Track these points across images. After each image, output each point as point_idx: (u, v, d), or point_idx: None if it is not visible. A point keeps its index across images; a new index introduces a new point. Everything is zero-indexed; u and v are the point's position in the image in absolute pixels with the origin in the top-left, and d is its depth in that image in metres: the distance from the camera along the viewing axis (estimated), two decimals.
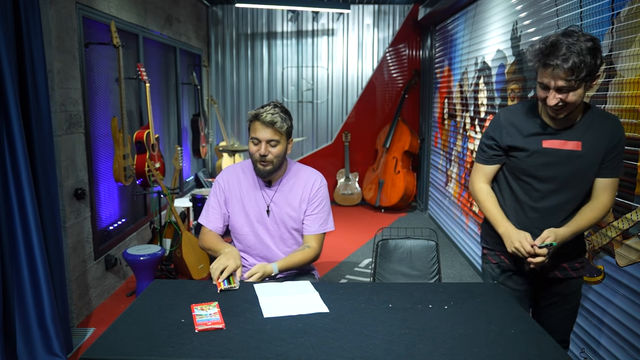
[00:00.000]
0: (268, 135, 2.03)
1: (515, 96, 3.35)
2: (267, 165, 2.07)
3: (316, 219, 2.17)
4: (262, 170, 2.09)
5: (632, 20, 2.10)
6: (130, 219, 4.07)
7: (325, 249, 3.86)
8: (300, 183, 2.18)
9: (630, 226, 2.06)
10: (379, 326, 1.57)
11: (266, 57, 6.51)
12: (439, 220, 5.48)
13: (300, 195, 2.16)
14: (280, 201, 2.16)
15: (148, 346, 1.43)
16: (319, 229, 2.18)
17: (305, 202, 2.17)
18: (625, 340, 2.08)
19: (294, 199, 2.16)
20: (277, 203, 2.16)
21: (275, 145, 2.05)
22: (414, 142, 6.11)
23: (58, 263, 2.64)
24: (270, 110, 2.03)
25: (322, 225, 2.19)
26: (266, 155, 2.04)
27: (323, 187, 2.21)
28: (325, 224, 2.21)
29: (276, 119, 2.02)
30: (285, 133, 2.07)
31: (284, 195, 2.17)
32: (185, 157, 5.65)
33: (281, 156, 2.08)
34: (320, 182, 2.20)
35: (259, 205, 2.17)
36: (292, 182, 2.18)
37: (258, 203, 2.17)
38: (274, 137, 2.03)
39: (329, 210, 2.24)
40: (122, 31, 3.74)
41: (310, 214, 2.18)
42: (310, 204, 2.17)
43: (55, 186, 2.64)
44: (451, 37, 5.06)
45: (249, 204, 2.17)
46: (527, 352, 1.42)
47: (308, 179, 2.19)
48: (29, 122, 2.43)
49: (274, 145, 2.05)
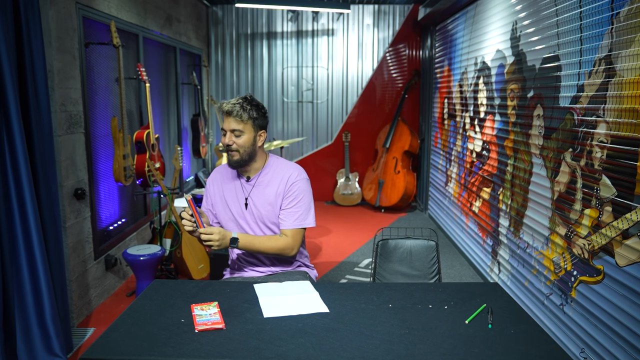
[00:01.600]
0: (230, 125, 2.10)
1: (514, 96, 3.35)
2: (234, 155, 2.13)
3: (291, 214, 2.17)
4: (231, 160, 2.15)
5: (631, 20, 2.10)
6: (130, 219, 4.07)
7: (325, 248, 3.84)
8: (277, 177, 2.20)
9: (630, 226, 2.06)
10: (379, 326, 1.57)
11: (266, 57, 6.51)
12: (439, 220, 5.48)
13: (276, 190, 2.18)
14: (257, 195, 2.19)
15: (148, 346, 1.43)
16: (294, 223, 2.16)
17: (280, 197, 2.18)
18: (625, 340, 2.08)
19: (270, 193, 2.18)
20: (254, 197, 2.19)
21: (240, 135, 2.10)
22: (414, 142, 6.11)
23: (58, 263, 2.64)
24: (232, 101, 2.11)
25: (297, 220, 2.17)
26: (231, 145, 2.11)
27: (300, 181, 2.19)
28: (303, 219, 2.18)
29: (234, 108, 2.08)
30: (250, 124, 2.11)
31: (260, 190, 2.20)
32: (185, 157, 5.65)
33: (247, 146, 2.12)
34: (296, 176, 2.19)
35: (239, 200, 2.21)
36: (270, 176, 2.21)
37: (238, 197, 2.22)
38: (237, 127, 2.09)
39: (308, 206, 2.20)
40: (122, 31, 3.74)
41: (285, 208, 2.18)
42: (285, 198, 2.17)
43: (55, 186, 2.64)
44: (451, 37, 5.06)
45: (231, 199, 2.23)
46: (527, 352, 1.42)
47: (285, 173, 2.20)
48: (29, 122, 2.43)
49: (238, 135, 2.10)
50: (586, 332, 2.38)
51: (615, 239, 2.16)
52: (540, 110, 2.95)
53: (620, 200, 2.14)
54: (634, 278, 2.03)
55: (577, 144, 2.51)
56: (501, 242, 3.55)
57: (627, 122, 2.11)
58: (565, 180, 2.62)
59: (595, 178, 2.34)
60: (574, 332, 2.49)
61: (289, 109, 6.61)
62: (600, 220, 2.29)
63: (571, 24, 2.60)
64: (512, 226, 3.36)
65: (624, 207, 2.11)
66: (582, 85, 2.48)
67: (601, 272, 2.27)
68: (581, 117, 2.48)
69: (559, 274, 2.66)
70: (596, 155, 2.33)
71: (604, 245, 2.25)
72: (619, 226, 2.14)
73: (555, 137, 2.75)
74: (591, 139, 2.38)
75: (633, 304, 2.03)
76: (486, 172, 3.94)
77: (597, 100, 2.34)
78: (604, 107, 2.28)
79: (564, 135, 2.64)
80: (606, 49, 2.28)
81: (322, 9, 5.87)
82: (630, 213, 2.07)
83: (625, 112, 2.13)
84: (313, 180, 2.44)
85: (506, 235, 3.45)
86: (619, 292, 2.12)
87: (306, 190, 2.21)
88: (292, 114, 6.62)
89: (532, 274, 2.99)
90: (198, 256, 3.67)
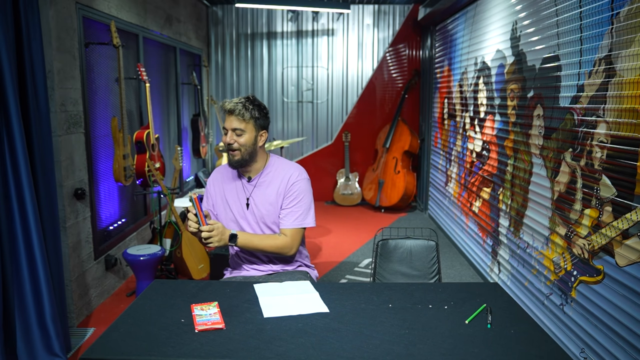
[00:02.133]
0: (232, 124, 2.10)
1: (514, 96, 3.35)
2: (235, 155, 2.12)
3: (291, 213, 2.17)
4: (231, 159, 2.14)
5: (631, 20, 2.10)
6: (130, 219, 4.07)
7: (325, 248, 3.84)
8: (278, 177, 2.20)
9: (630, 226, 2.06)
10: (379, 326, 1.57)
11: (266, 57, 6.51)
12: (439, 220, 5.48)
13: (277, 190, 2.18)
14: (259, 196, 2.19)
15: (148, 346, 1.43)
16: (294, 223, 2.17)
17: (281, 197, 2.18)
18: (625, 340, 2.08)
19: (271, 193, 2.18)
20: (256, 197, 2.20)
21: (241, 134, 2.10)
22: (414, 142, 6.11)
23: (57, 263, 2.64)
24: (234, 100, 2.12)
25: (297, 219, 2.17)
26: (232, 144, 2.10)
27: (301, 181, 2.19)
28: (302, 219, 2.18)
29: (236, 106, 2.08)
30: (251, 123, 2.11)
31: (262, 190, 2.20)
32: (185, 157, 5.65)
33: (248, 146, 2.12)
34: (297, 176, 2.19)
35: (240, 200, 2.21)
36: (271, 176, 2.21)
37: (239, 198, 2.22)
38: (238, 126, 2.09)
39: (309, 206, 2.21)
40: (122, 31, 3.74)
41: (285, 207, 2.18)
42: (285, 197, 2.18)
43: (55, 186, 2.64)
44: (451, 37, 5.06)
45: (232, 199, 2.22)
46: (527, 352, 1.42)
47: (285, 173, 2.20)
48: (29, 122, 2.43)
49: (239, 134, 2.10)
50: (586, 332, 2.38)
51: (615, 239, 2.16)
52: (540, 110, 2.95)
53: (620, 200, 2.14)
54: (634, 278, 2.03)
55: (577, 144, 2.51)
56: (501, 242, 3.55)
57: (627, 122, 2.11)
58: (565, 180, 2.62)
59: (595, 178, 2.34)
60: (574, 332, 2.49)
61: (289, 109, 6.61)
62: (600, 220, 2.29)
63: (571, 24, 2.60)
64: (512, 226, 3.36)
65: (624, 207, 2.11)
66: (582, 85, 2.48)
67: (601, 272, 2.27)
68: (581, 117, 2.48)
69: (559, 274, 2.66)
70: (596, 155, 2.33)
71: (604, 245, 2.25)
72: (619, 226, 2.14)
73: (555, 137, 2.75)
74: (591, 139, 2.38)
75: (633, 304, 2.03)
76: (486, 172, 3.94)
77: (597, 100, 2.34)
78: (604, 107, 2.28)
79: (564, 135, 2.64)
80: (606, 49, 2.28)
81: (322, 9, 5.87)
82: (630, 213, 2.07)
83: (625, 112, 2.13)
84: (313, 180, 2.44)
85: (506, 235, 3.45)
86: (619, 292, 2.12)
87: (307, 190, 2.21)
88: (292, 114, 6.62)
89: (532, 274, 2.99)
90: (198, 256, 3.67)
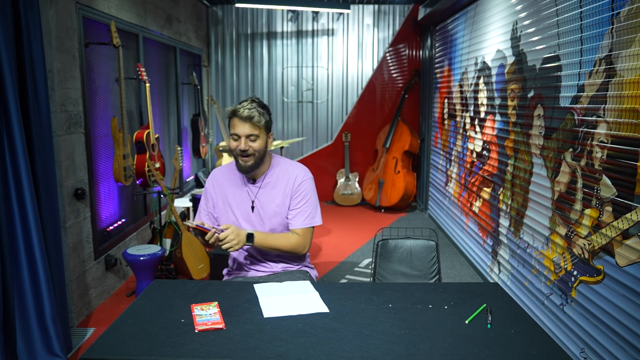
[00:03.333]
0: (247, 131, 2.06)
1: (515, 96, 3.35)
2: (248, 161, 2.09)
3: (300, 213, 2.17)
4: (244, 165, 2.11)
5: (632, 20, 2.10)
6: (130, 219, 4.07)
7: (325, 248, 3.84)
8: (283, 178, 2.19)
9: (630, 226, 2.06)
10: (379, 326, 1.57)
11: (266, 57, 6.51)
12: (439, 220, 5.48)
13: (283, 191, 2.17)
14: (264, 197, 2.18)
15: (148, 346, 1.43)
16: (304, 222, 2.17)
17: (288, 197, 2.17)
18: (625, 340, 2.08)
19: (277, 194, 2.17)
20: (261, 199, 2.18)
21: (255, 140, 2.08)
22: (414, 142, 6.11)
23: (57, 263, 2.64)
24: (247, 106, 2.06)
25: (307, 219, 2.18)
26: (246, 150, 2.07)
27: (306, 180, 2.20)
28: (312, 217, 2.19)
29: (253, 113, 2.04)
30: (264, 127, 2.09)
31: (267, 191, 2.18)
32: (185, 157, 5.65)
33: (262, 150, 2.10)
34: (303, 176, 2.20)
35: (245, 203, 2.19)
36: (276, 177, 2.20)
37: (243, 200, 2.19)
38: (253, 132, 2.06)
39: (316, 205, 2.22)
40: (122, 31, 3.74)
41: (293, 208, 2.18)
42: (293, 198, 2.18)
43: (55, 186, 2.64)
44: (451, 37, 5.06)
45: (235, 202, 2.20)
46: (527, 352, 1.42)
47: (291, 173, 2.20)
48: (29, 122, 2.43)
49: (254, 140, 2.07)
50: (586, 332, 2.38)
51: (616, 239, 2.16)
52: (541, 110, 2.94)
53: (621, 200, 2.14)
54: (634, 278, 2.03)
55: (578, 144, 2.51)
56: (501, 242, 3.54)
57: (628, 122, 2.11)
58: (566, 180, 2.62)
59: (596, 178, 2.34)
60: (574, 332, 2.49)
61: (289, 109, 6.61)
62: (600, 220, 2.29)
63: (571, 24, 2.60)
64: (512, 226, 3.36)
65: (624, 207, 2.11)
66: (582, 85, 2.48)
67: (601, 272, 2.27)
68: (581, 117, 2.48)
69: (559, 274, 2.66)
70: (596, 155, 2.33)
71: (604, 245, 2.25)
72: (619, 226, 2.14)
73: (556, 137, 2.75)
74: (591, 139, 2.38)
75: (633, 304, 2.03)
76: (486, 172, 3.94)
77: (598, 100, 2.34)
78: (604, 107, 2.28)
79: (565, 135, 2.64)
80: (606, 49, 2.28)
81: (322, 9, 5.87)
82: (630, 213, 2.07)
83: (625, 112, 2.13)
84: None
85: (506, 235, 3.45)
86: (619, 292, 2.12)
87: (313, 189, 2.22)
88: (292, 114, 6.62)
89: (532, 274, 2.99)
90: (198, 256, 3.67)
